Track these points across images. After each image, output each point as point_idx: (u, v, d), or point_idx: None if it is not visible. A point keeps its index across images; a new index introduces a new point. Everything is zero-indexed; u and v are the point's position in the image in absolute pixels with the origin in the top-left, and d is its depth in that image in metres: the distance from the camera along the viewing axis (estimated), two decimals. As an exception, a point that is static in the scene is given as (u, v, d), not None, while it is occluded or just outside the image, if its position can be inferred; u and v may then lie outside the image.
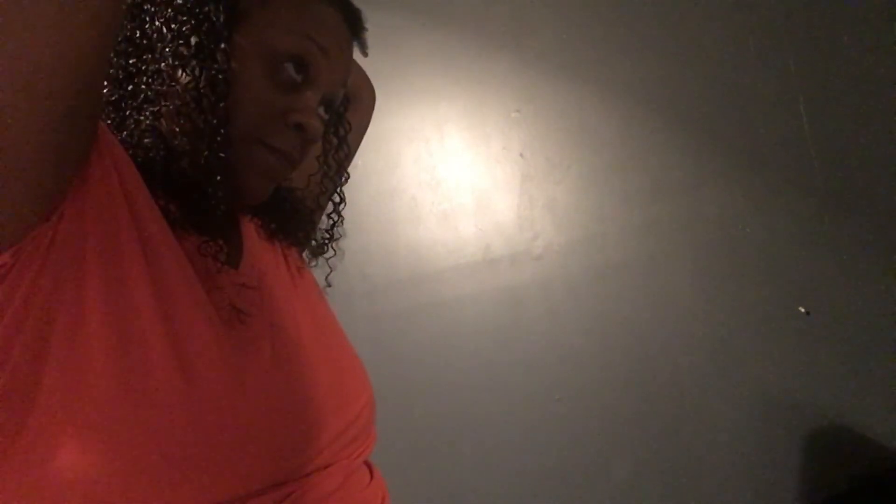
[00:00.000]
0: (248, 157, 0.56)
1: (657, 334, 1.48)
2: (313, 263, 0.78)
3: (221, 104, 0.53)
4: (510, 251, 1.60)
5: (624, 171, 1.54)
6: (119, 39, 0.58)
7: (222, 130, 0.53)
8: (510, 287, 1.58)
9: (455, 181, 1.61)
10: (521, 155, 1.62)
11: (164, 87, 0.55)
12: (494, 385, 1.56)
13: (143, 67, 0.56)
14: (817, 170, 1.42)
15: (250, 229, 0.68)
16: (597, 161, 1.57)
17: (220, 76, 0.53)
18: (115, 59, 0.57)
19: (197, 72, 0.53)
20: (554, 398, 1.52)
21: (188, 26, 0.54)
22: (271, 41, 0.55)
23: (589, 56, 1.59)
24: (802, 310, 1.39)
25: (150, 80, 0.55)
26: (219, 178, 0.54)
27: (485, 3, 1.66)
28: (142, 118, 0.55)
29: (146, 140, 0.55)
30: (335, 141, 0.74)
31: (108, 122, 0.57)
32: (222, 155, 0.53)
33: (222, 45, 0.53)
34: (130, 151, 0.54)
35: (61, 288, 0.44)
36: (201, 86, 0.53)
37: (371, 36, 0.80)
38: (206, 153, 0.53)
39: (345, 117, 0.75)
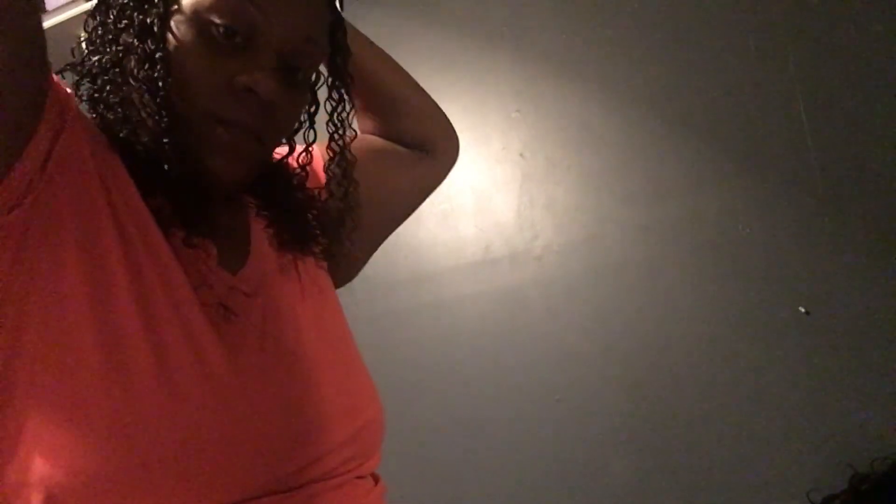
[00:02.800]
0: (207, 137, 0.54)
1: (657, 334, 1.48)
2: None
3: (163, 82, 0.52)
4: (510, 251, 1.60)
5: (624, 172, 1.54)
6: (91, 37, 0.58)
7: (165, 111, 0.52)
8: (510, 287, 1.58)
9: (455, 181, 1.61)
10: (521, 155, 1.62)
11: (122, 79, 0.55)
12: (494, 385, 1.56)
13: (104, 60, 0.56)
14: (817, 170, 1.42)
15: (262, 236, 0.66)
16: (597, 161, 1.56)
17: (158, 53, 0.52)
18: (91, 58, 0.58)
19: (140, 54, 0.53)
20: (554, 398, 1.52)
21: (130, 10, 0.54)
22: (199, 6, 0.53)
23: (589, 56, 1.59)
24: (802, 310, 1.39)
25: (114, 74, 0.55)
26: (172, 163, 0.53)
27: (485, 3, 1.66)
28: (119, 113, 0.55)
29: (127, 134, 0.55)
30: (336, 98, 0.68)
31: (96, 119, 0.57)
32: (175, 139, 0.52)
33: (157, 21, 0.53)
34: (118, 145, 0.54)
35: (38, 278, 0.44)
36: (145, 67, 0.52)
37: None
38: (163, 139, 0.52)
39: (346, 72, 0.68)
